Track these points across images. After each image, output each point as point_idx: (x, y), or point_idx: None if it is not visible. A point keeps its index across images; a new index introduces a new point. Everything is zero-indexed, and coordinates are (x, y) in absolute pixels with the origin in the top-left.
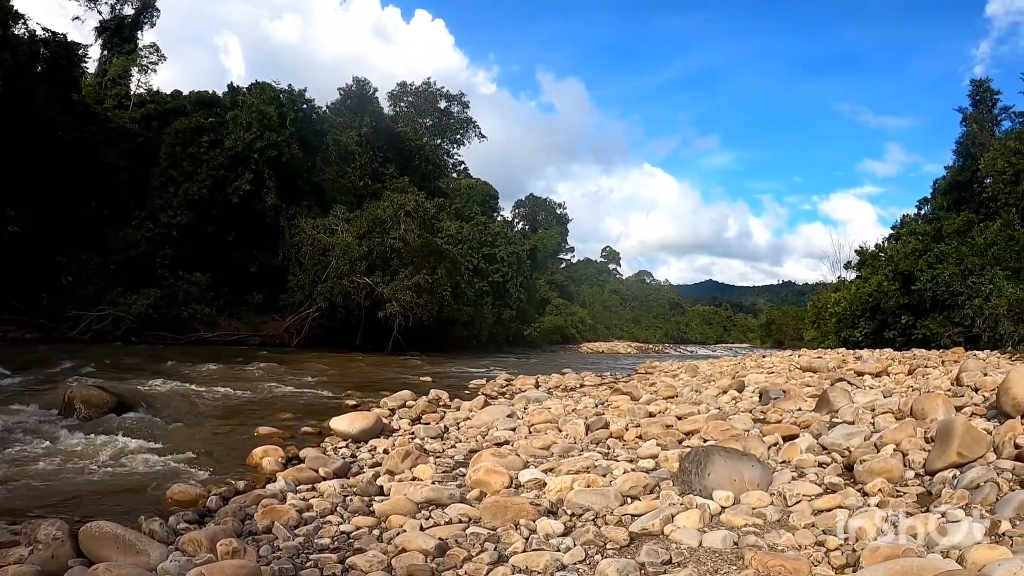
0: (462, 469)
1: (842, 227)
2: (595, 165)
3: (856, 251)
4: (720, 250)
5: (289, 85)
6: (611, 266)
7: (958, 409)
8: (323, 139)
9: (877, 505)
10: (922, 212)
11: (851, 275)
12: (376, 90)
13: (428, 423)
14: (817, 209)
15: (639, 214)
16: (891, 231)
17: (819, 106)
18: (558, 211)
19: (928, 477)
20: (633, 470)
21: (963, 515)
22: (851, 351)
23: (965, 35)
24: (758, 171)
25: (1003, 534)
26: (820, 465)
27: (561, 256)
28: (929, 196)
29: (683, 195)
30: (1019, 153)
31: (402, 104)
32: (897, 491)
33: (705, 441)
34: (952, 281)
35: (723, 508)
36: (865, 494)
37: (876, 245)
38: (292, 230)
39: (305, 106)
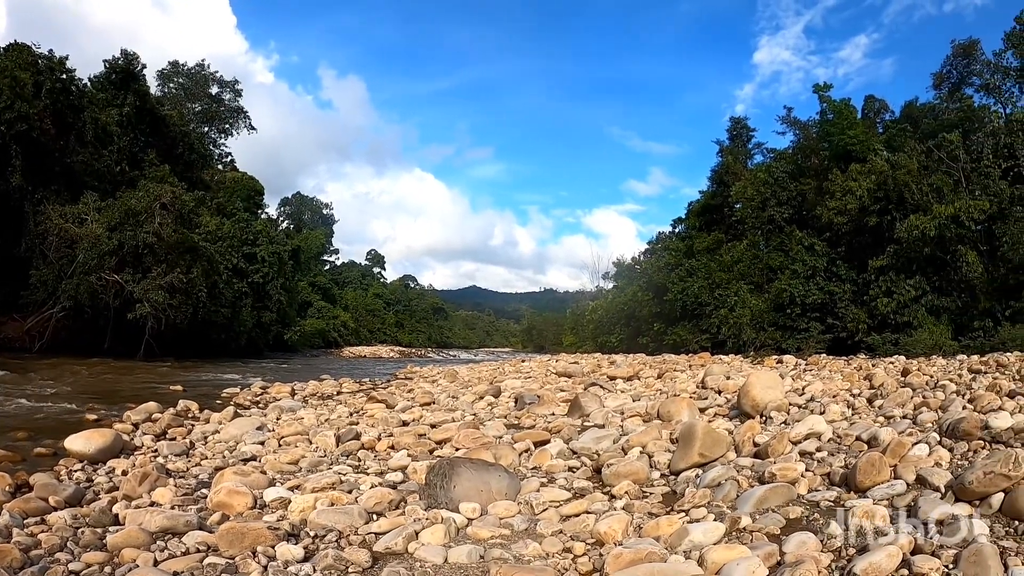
0: (205, 490)
1: (604, 240)
2: (368, 167)
3: (614, 263)
4: (485, 257)
5: (50, 51)
6: (376, 269)
7: (703, 411)
8: (80, 115)
9: (623, 508)
10: (676, 230)
11: (609, 285)
12: (145, 67)
13: (174, 438)
14: (581, 222)
15: (407, 218)
16: (647, 246)
17: (591, 127)
18: (325, 211)
19: (673, 477)
20: (380, 484)
21: (705, 513)
22: (607, 356)
23: (733, 77)
24: (527, 183)
25: (744, 529)
26: (570, 470)
27: (325, 258)
28: (684, 216)
29: (452, 202)
30: (767, 184)
31: (172, 85)
32: (644, 492)
33: (457, 450)
34: (701, 293)
35: (469, 521)
36: (612, 497)
37: (633, 258)
38: (37, 217)
39: (65, 76)
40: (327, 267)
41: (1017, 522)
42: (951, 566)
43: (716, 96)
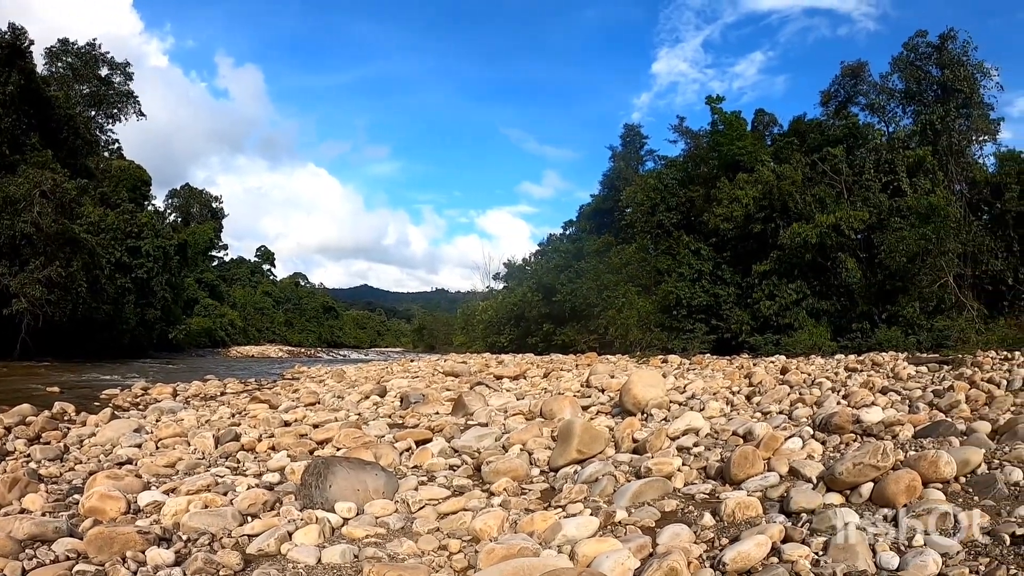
0: (78, 496)
1: (496, 241)
2: (262, 160)
3: (505, 264)
4: (378, 256)
5: None
6: (265, 266)
7: (585, 409)
8: None
9: (501, 504)
10: (567, 232)
11: (500, 285)
12: (32, 43)
13: (48, 442)
14: (474, 223)
15: (300, 215)
16: (539, 247)
17: (489, 129)
18: (215, 205)
19: (553, 474)
20: (257, 486)
21: (582, 508)
22: (496, 356)
23: (631, 85)
24: (422, 183)
25: (619, 523)
26: (451, 468)
27: (213, 253)
28: (575, 219)
29: (346, 199)
30: (657, 189)
31: (60, 65)
32: (522, 489)
33: (338, 450)
34: (589, 294)
35: (345, 521)
36: (491, 494)
37: (524, 259)
38: None
39: None
40: (215, 263)
41: (886, 510)
42: (821, 553)
43: (613, 103)
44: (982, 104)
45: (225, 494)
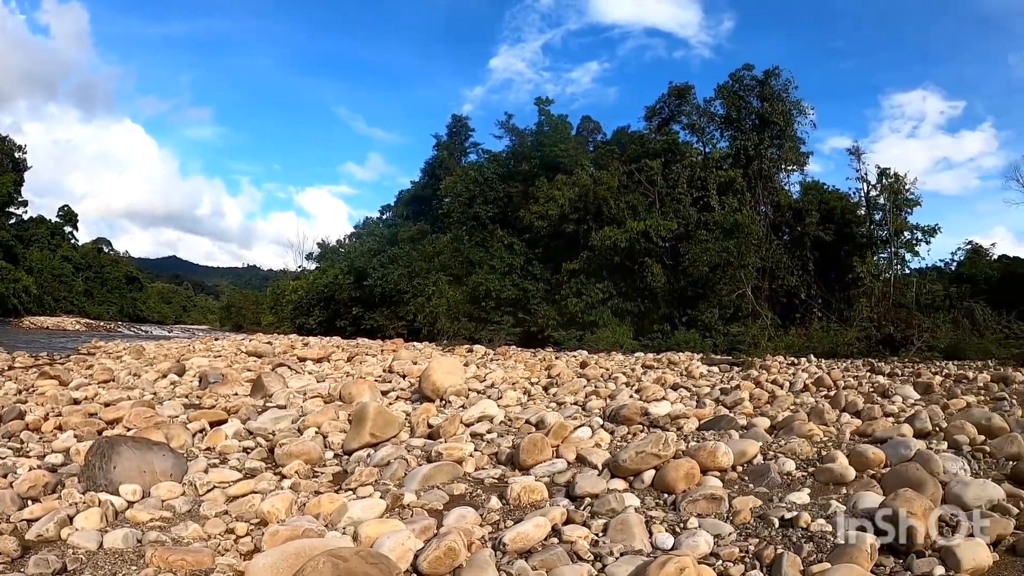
0: None
1: (314, 220)
2: (75, 110)
3: (319, 244)
4: (190, 226)
5: None
6: (67, 228)
7: (385, 394)
8: None
9: (291, 487)
10: (384, 217)
11: (312, 266)
12: None
13: None
14: (293, 199)
15: (110, 175)
16: (354, 230)
17: (319, 104)
18: (17, 155)
19: (346, 457)
20: (39, 467)
21: (372, 491)
22: (303, 337)
23: (466, 78)
24: (243, 152)
25: (407, 505)
26: (245, 451)
27: (11, 210)
28: (393, 204)
29: (161, 162)
30: (476, 182)
31: None
32: (315, 472)
33: (128, 430)
34: (400, 280)
35: (129, 504)
36: (283, 477)
37: (338, 241)
38: None
39: None
40: (12, 221)
41: (666, 495)
42: (601, 535)
43: (447, 93)
44: (795, 137)
45: (5, 476)
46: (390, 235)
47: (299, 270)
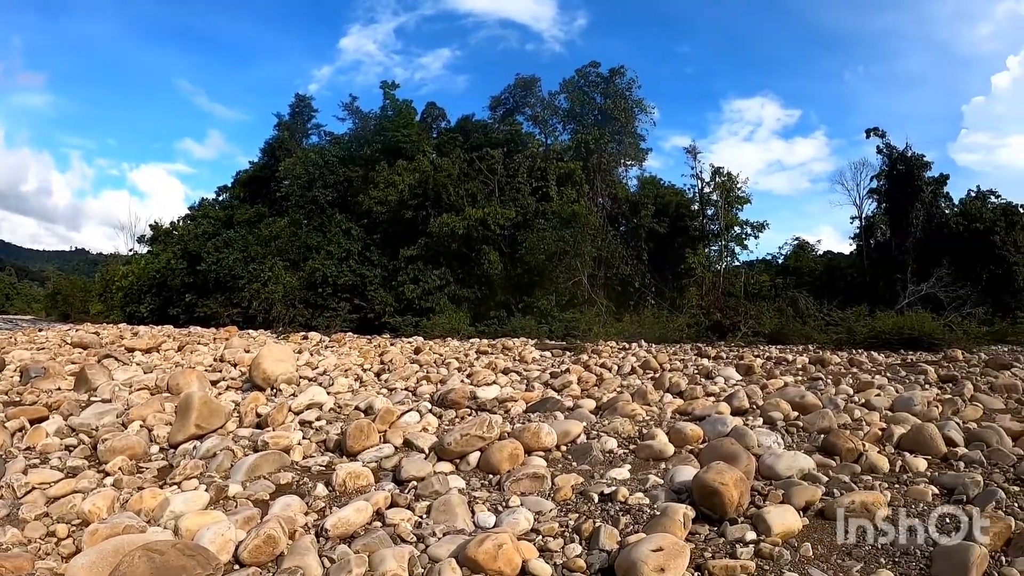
0: None
1: (148, 200)
2: None
3: (151, 226)
4: (13, 204)
5: None
6: None
7: (215, 383)
8: None
9: (114, 484)
10: (220, 199)
11: (144, 249)
12: None
13: None
14: (126, 177)
15: None
16: (189, 211)
17: (159, 75)
18: None
19: (172, 451)
20: None
21: (197, 484)
22: (133, 327)
23: (315, 56)
24: (75, 124)
25: (231, 497)
26: (67, 448)
27: None
28: (230, 185)
29: None
30: (317, 165)
31: None
32: (140, 468)
33: None
34: (235, 265)
35: None
36: (106, 474)
37: (171, 223)
38: None
39: None
40: None
41: (491, 475)
42: (425, 516)
43: (293, 71)
44: (635, 134)
45: None
46: (226, 217)
47: (131, 254)
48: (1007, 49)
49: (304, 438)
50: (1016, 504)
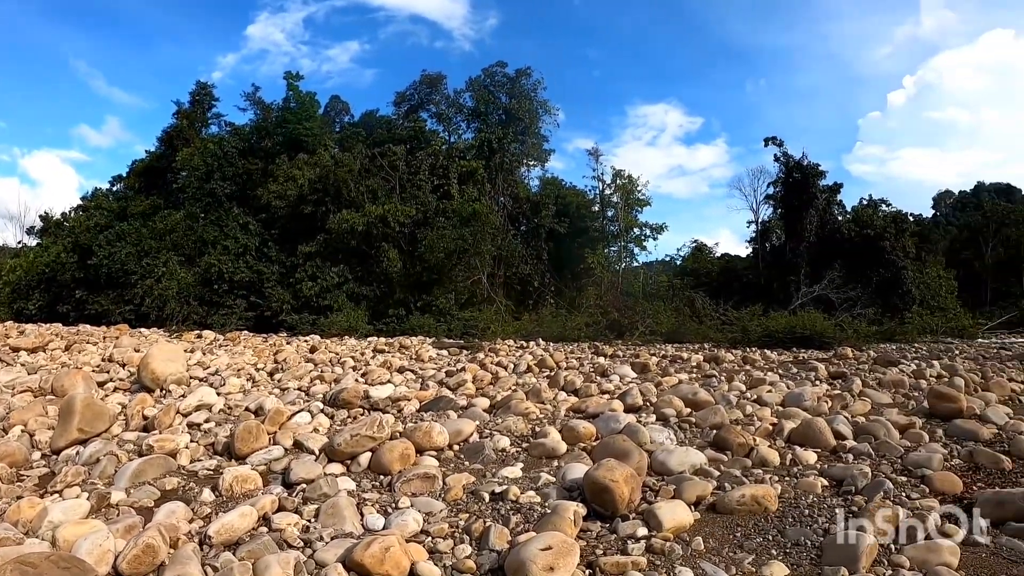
0: None
1: (40, 188)
2: None
3: (41, 216)
4: None
5: None
6: None
7: (103, 384)
8: None
9: None
10: (115, 189)
11: (34, 242)
12: None
13: None
14: (17, 163)
15: None
16: (81, 201)
17: (56, 55)
18: None
19: (55, 456)
20: None
21: (79, 491)
22: (20, 325)
23: (220, 42)
24: None
25: (114, 504)
26: None
27: None
28: (125, 175)
29: None
30: (215, 156)
31: None
32: (20, 475)
33: None
34: (128, 260)
35: None
36: None
37: (63, 214)
38: None
39: None
40: None
41: (382, 476)
42: (313, 520)
43: (197, 57)
44: (538, 135)
45: None
46: (120, 209)
47: (19, 246)
48: (904, 69)
49: (192, 441)
50: (904, 494)
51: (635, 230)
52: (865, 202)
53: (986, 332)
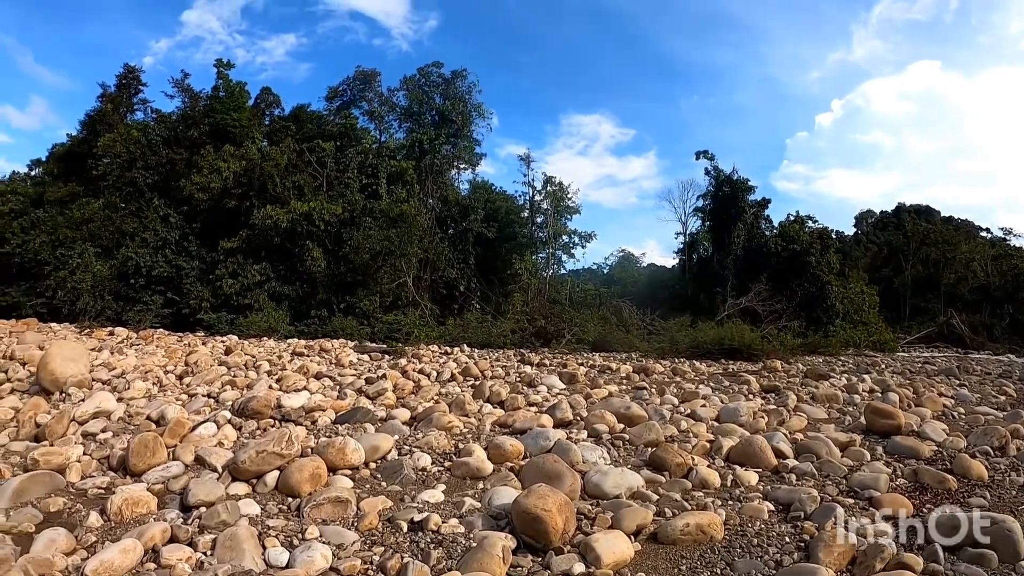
0: None
1: None
2: None
3: None
4: None
5: None
6: None
7: None
8: None
9: None
10: (33, 173)
11: None
12: None
13: None
14: None
15: None
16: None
17: None
18: None
19: None
20: None
21: None
22: None
23: (155, 27)
24: None
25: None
26: None
27: None
28: (44, 159)
29: None
30: (139, 144)
31: None
32: None
33: None
34: (42, 249)
35: None
36: None
37: None
38: None
39: None
40: None
41: (290, 499)
42: (208, 553)
43: (130, 40)
44: (471, 138)
45: None
46: (36, 195)
47: None
48: (833, 93)
49: (85, 454)
50: (854, 519)
51: (564, 237)
52: (792, 218)
53: (905, 346)
